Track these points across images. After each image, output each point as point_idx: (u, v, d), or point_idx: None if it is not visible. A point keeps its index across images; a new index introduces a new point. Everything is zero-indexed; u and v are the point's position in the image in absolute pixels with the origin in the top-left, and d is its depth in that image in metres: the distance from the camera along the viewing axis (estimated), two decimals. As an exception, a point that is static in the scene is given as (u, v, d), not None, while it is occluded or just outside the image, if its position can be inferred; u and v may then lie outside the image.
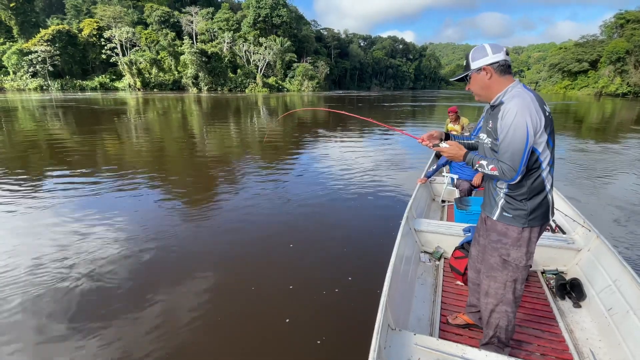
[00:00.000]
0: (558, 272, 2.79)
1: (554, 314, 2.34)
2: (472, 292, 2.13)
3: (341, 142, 11.31)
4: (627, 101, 44.12)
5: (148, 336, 2.46)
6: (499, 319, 1.85)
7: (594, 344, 2.07)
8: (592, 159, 9.06)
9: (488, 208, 1.79)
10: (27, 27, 54.82)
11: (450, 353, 1.69)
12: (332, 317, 2.70)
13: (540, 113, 1.48)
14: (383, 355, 1.64)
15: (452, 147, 1.78)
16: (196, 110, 24.57)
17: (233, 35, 68.54)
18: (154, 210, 4.97)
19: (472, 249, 2.06)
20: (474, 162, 1.69)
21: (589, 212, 4.85)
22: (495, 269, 1.78)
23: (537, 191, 1.60)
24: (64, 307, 2.78)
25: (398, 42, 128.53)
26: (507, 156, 1.52)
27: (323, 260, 3.60)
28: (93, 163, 7.86)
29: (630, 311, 2.00)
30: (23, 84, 50.67)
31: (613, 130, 15.56)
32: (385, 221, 4.63)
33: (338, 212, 5.02)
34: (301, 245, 3.89)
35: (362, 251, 3.79)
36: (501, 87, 1.59)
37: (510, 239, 1.68)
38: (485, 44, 1.62)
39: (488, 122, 1.68)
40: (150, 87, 57.90)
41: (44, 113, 19.38)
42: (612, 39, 60.92)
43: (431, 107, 30.10)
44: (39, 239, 3.96)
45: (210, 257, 3.65)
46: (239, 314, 2.72)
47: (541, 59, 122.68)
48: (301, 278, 3.25)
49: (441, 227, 3.21)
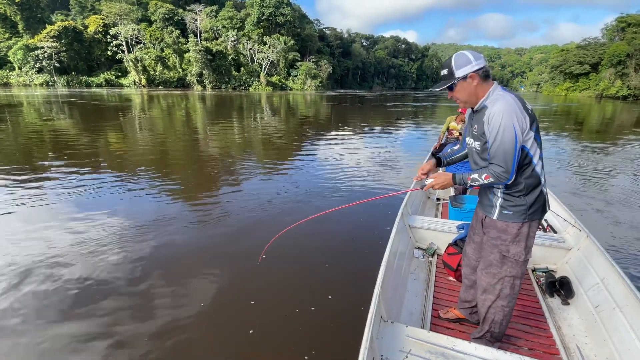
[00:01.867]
0: (548, 270, 2.87)
1: (543, 311, 2.41)
2: (465, 288, 2.16)
3: (340, 140, 11.52)
4: (628, 104, 44.50)
5: (144, 335, 2.46)
6: (495, 314, 1.87)
7: (581, 340, 2.14)
8: (587, 159, 9.32)
9: (487, 209, 1.80)
10: (33, 23, 55.18)
11: (441, 345, 1.73)
12: (325, 309, 2.79)
13: (524, 112, 1.54)
14: (375, 345, 1.68)
15: (437, 177, 1.84)
16: (201, 107, 24.67)
17: (237, 34, 68.97)
18: (153, 207, 5.00)
19: (466, 247, 2.09)
20: (465, 180, 1.73)
21: (580, 212, 5.04)
22: (495, 265, 1.80)
23: (534, 185, 1.65)
24: (58, 304, 2.77)
25: (400, 42, 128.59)
26: (499, 158, 1.56)
27: (319, 254, 3.70)
28: (95, 159, 7.92)
29: (617, 308, 2.05)
30: (29, 79, 51.03)
31: (612, 132, 15.88)
32: (380, 217, 4.75)
33: (334, 206, 4.97)
34: (297, 241, 3.94)
35: (357, 246, 3.89)
36: (484, 92, 1.64)
37: (509, 235, 1.72)
38: (464, 51, 1.65)
39: (473, 126, 1.72)
40: (155, 84, 58.31)
41: (50, 108, 19.47)
42: (614, 42, 61.29)
43: (433, 108, 30.10)
44: (35, 234, 3.98)
45: (209, 254, 3.69)
46: (235, 307, 2.78)
47: (543, 61, 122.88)
48: (297, 272, 3.36)
49: (435, 224, 3.27)
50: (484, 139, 1.63)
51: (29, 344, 2.38)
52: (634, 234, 4.50)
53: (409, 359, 1.66)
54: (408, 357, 1.67)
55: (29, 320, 2.60)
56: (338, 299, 2.94)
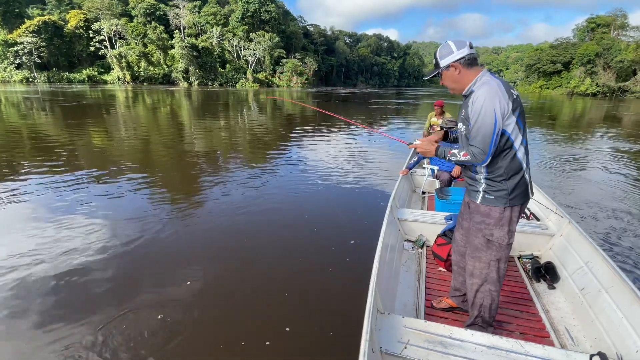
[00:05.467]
0: (533, 256, 2.95)
1: (531, 296, 2.48)
2: (456, 276, 2.21)
3: (325, 137, 11.59)
4: (597, 100, 47.57)
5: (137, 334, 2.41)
6: (483, 298, 1.92)
7: (569, 322, 2.21)
8: (563, 151, 10.05)
9: (472, 194, 1.86)
10: (10, 18, 53.34)
11: (438, 334, 1.76)
12: (320, 303, 2.83)
13: (507, 97, 1.59)
14: (375, 337, 1.68)
15: (423, 142, 1.94)
16: (187, 104, 24.38)
17: (221, 30, 68.67)
18: (138, 206, 4.90)
19: (456, 233, 2.15)
20: (445, 154, 1.81)
21: (561, 199, 5.37)
22: (480, 249, 1.85)
23: (515, 171, 1.69)
24: (44, 305, 2.72)
25: (383, 40, 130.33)
26: (478, 140, 1.62)
27: (308, 249, 3.75)
28: (77, 158, 7.66)
29: (602, 290, 2.11)
30: (7, 75, 49.58)
31: (584, 126, 17.15)
32: (368, 211, 4.86)
33: (321, 203, 5.23)
34: (290, 236, 4.03)
35: (346, 240, 3.92)
36: (471, 78, 1.70)
37: (493, 219, 1.76)
38: (449, 42, 1.73)
39: (461, 111, 1.78)
40: (140, 80, 57.61)
41: (30, 106, 18.79)
42: (584, 42, 64.84)
43: (415, 106, 30.25)
44: (17, 235, 3.88)
45: (199, 252, 3.64)
46: (231, 306, 2.76)
47: (519, 60, 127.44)
48: (291, 267, 3.37)
49: (423, 216, 3.33)
50: (468, 122, 1.69)
51: (10, 347, 2.33)
52: (614, 219, 4.80)
53: (408, 349, 1.67)
54: (407, 348, 1.68)
55: (6, 323, 2.53)
56: (330, 292, 2.99)
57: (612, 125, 17.75)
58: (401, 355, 1.65)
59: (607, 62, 58.59)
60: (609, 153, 10.00)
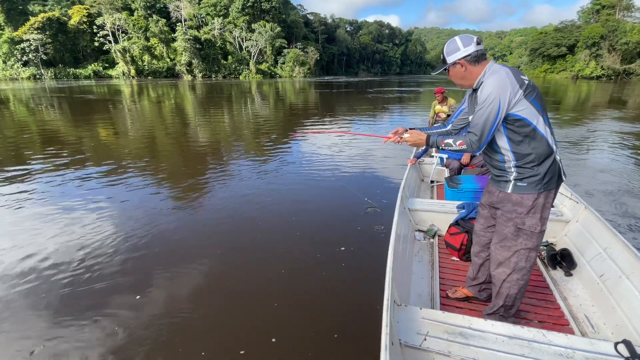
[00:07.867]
0: (548, 243, 2.89)
1: (547, 284, 2.43)
2: (475, 266, 2.18)
3: (330, 129, 11.65)
4: (601, 83, 47.33)
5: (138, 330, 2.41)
6: (509, 287, 1.88)
7: (588, 309, 2.16)
8: (568, 133, 9.98)
9: (501, 184, 1.81)
10: (14, 15, 53.63)
11: (457, 324, 1.72)
12: (333, 296, 2.80)
13: (517, 85, 1.56)
14: (394, 330, 1.65)
15: (412, 135, 1.93)
16: (192, 97, 24.38)
17: (223, 22, 68.51)
18: (144, 200, 4.91)
19: (476, 225, 2.12)
20: (438, 144, 1.80)
21: (575, 184, 5.25)
22: (510, 238, 1.81)
23: (546, 155, 1.65)
24: (50, 301, 2.74)
25: (384, 27, 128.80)
26: (478, 127, 1.62)
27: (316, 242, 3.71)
28: (84, 152, 7.77)
29: (623, 276, 2.06)
30: (15, 73, 50.19)
31: (588, 110, 17.00)
32: (376, 201, 4.76)
33: (328, 194, 5.23)
34: (299, 229, 3.99)
35: (354, 232, 3.88)
36: (479, 72, 1.69)
37: (525, 208, 1.72)
38: (456, 38, 1.71)
39: (473, 105, 1.77)
40: (145, 74, 57.99)
41: (39, 103, 18.96)
42: (589, 24, 64.08)
43: (417, 93, 29.79)
44: (23, 231, 3.91)
45: (206, 245, 3.62)
46: (240, 300, 2.75)
47: (523, 44, 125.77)
48: (299, 260, 3.34)
49: (434, 205, 3.29)
50: None
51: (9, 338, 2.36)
52: (628, 203, 4.67)
53: (428, 341, 1.64)
54: (427, 339, 1.65)
55: (13, 319, 2.55)
56: (344, 284, 2.97)
57: (618, 107, 17.78)
58: (421, 347, 1.62)
59: (612, 44, 58.11)
60: (617, 135, 9.99)
